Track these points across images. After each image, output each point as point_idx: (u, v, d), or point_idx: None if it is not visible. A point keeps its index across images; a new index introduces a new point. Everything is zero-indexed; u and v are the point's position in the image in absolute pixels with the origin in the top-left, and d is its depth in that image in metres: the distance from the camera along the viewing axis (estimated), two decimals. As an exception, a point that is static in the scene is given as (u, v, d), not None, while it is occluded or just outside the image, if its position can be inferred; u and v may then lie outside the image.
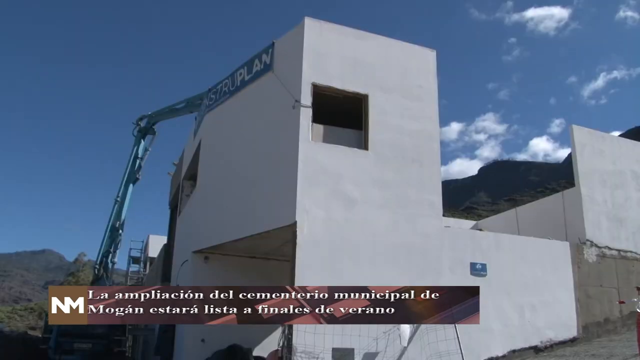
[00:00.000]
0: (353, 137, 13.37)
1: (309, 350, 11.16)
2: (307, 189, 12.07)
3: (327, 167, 12.47)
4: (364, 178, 12.77)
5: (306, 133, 12.50)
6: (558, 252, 15.16)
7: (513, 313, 13.86)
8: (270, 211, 12.89)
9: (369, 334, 11.67)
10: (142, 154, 24.08)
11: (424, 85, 14.30)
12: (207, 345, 15.24)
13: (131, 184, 24.03)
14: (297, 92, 12.72)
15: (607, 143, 17.75)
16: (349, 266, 12.05)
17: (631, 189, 17.66)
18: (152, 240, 41.52)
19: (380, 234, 12.57)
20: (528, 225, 19.17)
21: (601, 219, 16.57)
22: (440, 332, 12.33)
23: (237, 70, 15.43)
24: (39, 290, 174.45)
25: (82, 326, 21.52)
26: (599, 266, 15.85)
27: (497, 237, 14.59)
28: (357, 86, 13.47)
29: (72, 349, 21.12)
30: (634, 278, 16.17)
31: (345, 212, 12.35)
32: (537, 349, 13.93)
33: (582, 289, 15.19)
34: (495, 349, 13.35)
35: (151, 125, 23.97)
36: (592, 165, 16.96)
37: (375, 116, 13.38)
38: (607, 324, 15.48)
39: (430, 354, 12.29)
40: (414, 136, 13.66)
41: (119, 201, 23.63)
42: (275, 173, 13.09)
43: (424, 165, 13.57)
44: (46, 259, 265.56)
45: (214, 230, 15.42)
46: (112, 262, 23.94)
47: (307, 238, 11.73)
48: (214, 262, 16.26)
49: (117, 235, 23.58)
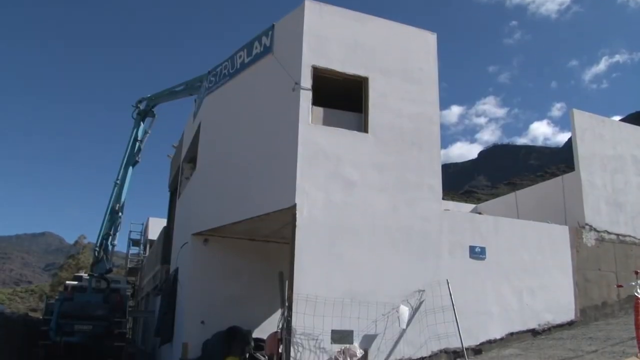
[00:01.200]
0: (353, 120, 13.33)
1: (308, 332, 11.23)
2: (307, 171, 12.06)
3: (327, 149, 12.45)
4: (363, 161, 12.76)
5: (306, 116, 12.46)
6: (557, 236, 15.20)
7: (512, 296, 13.93)
8: (270, 193, 12.90)
9: (368, 316, 11.74)
10: (141, 137, 23.95)
11: (424, 68, 14.24)
12: (206, 327, 15.34)
13: (131, 166, 23.91)
14: (297, 75, 12.67)
15: (607, 127, 17.72)
16: (348, 249, 12.09)
17: (631, 173, 17.67)
18: (152, 222, 41.67)
19: (380, 216, 12.58)
20: (527, 209, 19.22)
21: (600, 204, 16.60)
22: (439, 315, 12.42)
23: (236, 52, 15.35)
24: (39, 273, 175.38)
25: (83, 308, 21.73)
26: (598, 250, 15.90)
27: (497, 221, 14.61)
28: (357, 69, 13.41)
29: (72, 331, 21.23)
30: (632, 262, 16.24)
31: (344, 194, 12.35)
32: (535, 332, 14.01)
33: (581, 273, 15.25)
34: (493, 331, 13.43)
35: (150, 108, 23.81)
36: (592, 150, 16.95)
37: (375, 99, 13.34)
38: (605, 307, 15.57)
39: (428, 337, 12.38)
40: (414, 119, 13.62)
41: (118, 184, 23.53)
42: (275, 155, 13.07)
43: (424, 148, 13.55)
44: (46, 242, 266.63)
45: (213, 212, 15.44)
46: (112, 245, 23.90)
47: (307, 221, 11.75)
48: (214, 245, 16.29)
49: (116, 217, 23.53)
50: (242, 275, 16.26)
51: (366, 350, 11.64)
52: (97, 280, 23.72)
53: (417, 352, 12.24)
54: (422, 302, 12.50)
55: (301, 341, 11.17)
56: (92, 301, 22.58)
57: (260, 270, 16.02)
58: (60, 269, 63.81)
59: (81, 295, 23.05)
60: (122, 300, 23.68)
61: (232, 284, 16.02)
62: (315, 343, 11.29)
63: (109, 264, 23.93)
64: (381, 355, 11.89)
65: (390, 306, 12.01)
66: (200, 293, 15.79)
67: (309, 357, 11.22)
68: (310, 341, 11.26)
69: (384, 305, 11.94)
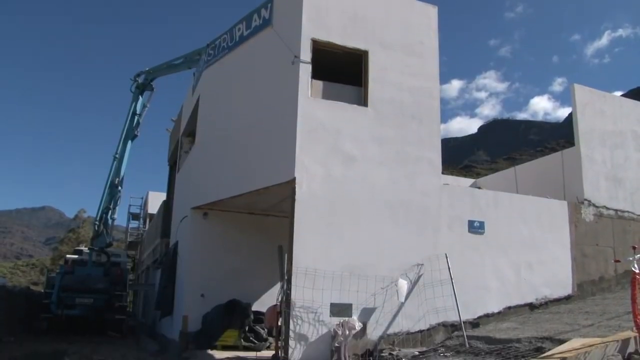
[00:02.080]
0: (353, 94, 13.25)
1: (308, 305, 11.30)
2: (306, 145, 12.02)
3: (326, 123, 12.40)
4: (363, 135, 12.71)
5: (305, 89, 12.37)
6: (556, 211, 15.22)
7: (510, 271, 13.99)
8: (269, 167, 12.88)
9: (367, 290, 11.81)
10: (140, 111, 23.88)
11: (424, 42, 14.11)
12: (206, 300, 15.45)
13: (130, 140, 23.90)
14: (297, 48, 12.55)
15: (608, 103, 17.63)
16: (347, 222, 12.11)
17: (631, 149, 17.63)
18: (152, 196, 41.65)
19: (379, 190, 12.58)
20: (527, 184, 19.21)
21: (600, 179, 16.58)
22: (438, 289, 12.49)
23: (235, 25, 15.20)
24: (40, 247, 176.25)
25: (83, 281, 21.91)
26: (596, 225, 15.94)
27: (496, 196, 14.61)
28: (357, 42, 13.28)
29: (73, 304, 21.44)
30: (630, 238, 16.28)
31: (344, 168, 12.33)
32: (533, 306, 14.12)
33: (579, 248, 15.30)
34: (491, 305, 13.52)
35: (149, 82, 23.70)
36: (592, 125, 16.89)
37: (375, 72, 13.24)
38: (602, 282, 15.66)
39: (427, 310, 12.47)
40: (414, 93, 13.54)
41: (117, 158, 23.55)
42: (274, 129, 13.03)
43: (424, 122, 13.50)
44: (46, 216, 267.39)
45: (212, 186, 15.45)
46: (111, 219, 24.01)
47: (306, 194, 11.75)
48: (213, 218, 16.33)
49: (116, 192, 23.59)
50: (242, 249, 16.33)
51: (365, 323, 11.73)
52: (98, 254, 23.86)
53: (416, 326, 12.33)
54: (421, 275, 12.57)
55: (300, 314, 11.25)
56: (92, 275, 22.75)
57: (260, 244, 16.08)
58: (61, 243, 64.06)
59: (82, 269, 23.21)
60: (122, 273, 23.86)
61: (231, 258, 16.10)
62: (315, 316, 11.37)
63: (109, 238, 24.06)
64: (380, 328, 11.99)
65: (389, 280, 12.08)
66: (200, 266, 15.87)
67: (308, 330, 11.31)
68: (310, 314, 11.34)
69: (383, 279, 12.00)
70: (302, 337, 11.22)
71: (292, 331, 11.14)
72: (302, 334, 11.23)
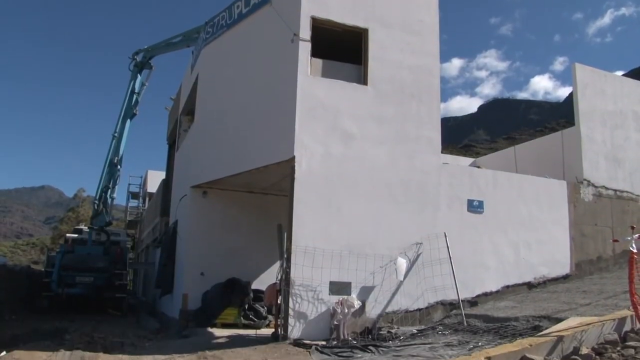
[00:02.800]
0: (352, 72, 13.17)
1: (307, 283, 11.36)
2: (306, 123, 11.98)
3: (326, 102, 12.34)
4: (362, 113, 12.66)
5: (305, 67, 12.29)
6: (555, 190, 15.23)
7: (508, 250, 14.04)
8: (269, 146, 12.85)
9: (366, 268, 11.85)
10: (138, 89, 23.77)
11: (425, 20, 13.98)
12: (206, 278, 15.52)
13: (128, 119, 23.81)
14: (296, 26, 12.44)
15: (609, 82, 17.54)
16: (346, 201, 12.11)
17: (631, 129, 17.58)
18: (151, 175, 41.63)
19: (378, 169, 12.56)
20: (526, 164, 19.20)
21: (599, 159, 16.56)
22: (436, 267, 12.53)
23: (234, 2, 15.04)
24: (39, 226, 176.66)
25: (84, 260, 21.99)
26: (595, 205, 15.96)
27: (495, 175, 14.60)
28: (356, 20, 13.16)
29: (74, 282, 21.53)
30: (628, 218, 16.32)
31: (343, 147, 12.30)
32: (531, 285, 14.18)
33: (577, 228, 15.34)
34: (489, 284, 13.59)
35: (147, 60, 23.56)
36: (593, 105, 16.82)
37: (375, 51, 13.14)
38: (600, 261, 15.72)
39: (425, 289, 12.53)
40: (413, 72, 13.46)
41: (116, 137, 23.49)
42: (274, 108, 12.97)
43: (424, 101, 13.43)
44: (46, 195, 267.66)
45: (212, 165, 15.42)
46: (111, 198, 24.03)
47: (305, 173, 11.73)
48: (213, 197, 16.34)
49: (115, 170, 23.57)
50: (241, 228, 16.37)
51: (364, 301, 11.80)
52: (97, 232, 23.92)
53: (414, 304, 12.40)
54: (420, 254, 12.60)
55: (300, 292, 11.31)
56: (92, 253, 22.83)
57: (259, 223, 16.12)
58: (61, 222, 64.17)
59: (82, 248, 23.29)
60: (122, 252, 23.92)
61: (231, 236, 16.15)
62: (314, 294, 11.43)
63: (109, 217, 24.09)
64: (378, 306, 12.05)
65: (387, 258, 12.12)
66: (200, 245, 15.92)
67: (307, 308, 11.37)
68: (309, 292, 11.40)
69: (382, 258, 12.05)
70: (301, 315, 11.29)
71: (291, 309, 11.20)
72: (302, 312, 11.30)
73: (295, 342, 10.80)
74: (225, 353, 9.80)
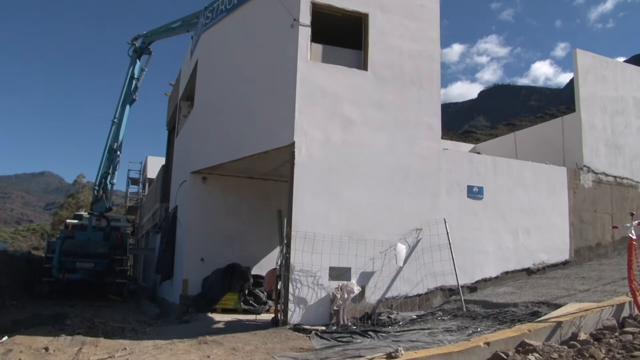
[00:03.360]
0: (352, 57, 13.10)
1: (307, 269, 11.39)
2: (305, 109, 11.94)
3: (326, 87, 12.29)
4: (362, 99, 12.61)
5: (305, 53, 12.23)
6: (555, 177, 15.23)
7: (508, 236, 14.07)
8: (268, 131, 12.82)
9: (366, 254, 11.88)
10: (138, 75, 23.71)
11: (425, 5, 13.89)
12: (206, 264, 15.57)
13: (128, 104, 23.78)
14: (296, 11, 12.35)
15: (610, 69, 17.48)
16: (346, 187, 12.10)
17: (632, 116, 17.55)
18: (151, 161, 41.59)
19: (378, 155, 12.54)
20: (526, 150, 19.18)
21: (599, 145, 16.55)
22: (436, 253, 12.57)
23: (234, -13, 14.94)
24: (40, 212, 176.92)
25: (84, 246, 22.05)
26: (595, 192, 15.97)
27: (495, 161, 14.58)
28: (357, 5, 13.07)
29: (74, 268, 21.61)
30: (628, 204, 16.34)
31: (343, 133, 12.27)
32: (530, 271, 14.22)
33: (577, 214, 15.36)
34: (488, 270, 13.63)
35: (147, 45, 23.48)
36: (594, 91, 16.78)
37: (375, 36, 13.07)
38: (599, 248, 15.76)
39: (425, 274, 12.56)
40: (414, 57, 13.40)
41: (116, 122, 23.47)
42: (273, 93, 12.92)
43: (424, 87, 13.38)
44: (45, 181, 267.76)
45: (211, 150, 15.40)
46: (111, 184, 24.06)
47: (305, 159, 11.72)
48: (212, 183, 16.34)
49: (115, 156, 23.58)
50: (241, 213, 16.40)
51: (363, 287, 11.83)
52: (97, 218, 23.97)
53: (414, 290, 12.44)
54: (419, 240, 12.63)
55: (299, 278, 11.34)
56: (92, 239, 22.89)
57: (259, 208, 16.14)
58: (61, 208, 64.21)
59: (82, 234, 23.35)
60: (122, 238, 23.98)
61: (231, 222, 16.18)
62: (313, 280, 11.47)
63: (109, 203, 24.13)
64: (378, 292, 12.10)
65: (387, 244, 12.14)
66: (200, 230, 15.94)
67: (307, 294, 11.41)
68: (309, 278, 11.43)
69: (382, 243, 12.07)
70: (301, 301, 11.33)
71: (291, 294, 11.24)
72: (301, 297, 11.34)
73: (295, 327, 10.85)
74: (226, 338, 9.84)
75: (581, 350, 6.61)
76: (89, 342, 10.05)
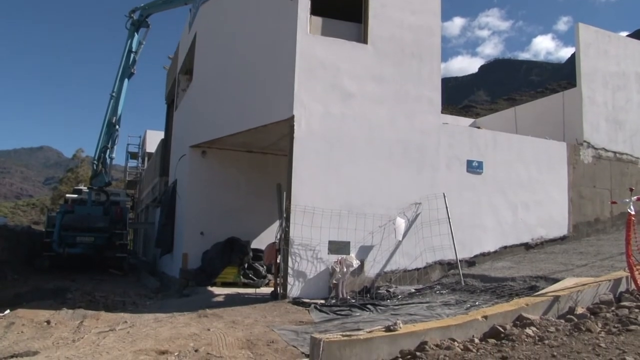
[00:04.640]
0: (352, 30, 12.97)
1: (306, 242, 11.43)
2: (305, 82, 11.86)
3: (325, 60, 12.19)
4: (362, 72, 12.52)
5: (304, 25, 12.09)
6: (554, 152, 15.20)
7: (507, 211, 14.09)
8: (268, 105, 12.75)
9: (365, 228, 11.91)
10: (136, 48, 23.48)
11: (427, -23, 13.71)
12: (205, 238, 15.62)
13: (126, 78, 23.58)
14: (296, -18, 12.20)
15: (612, 43, 17.31)
16: (345, 160, 12.08)
17: (633, 91, 17.44)
18: (150, 135, 41.47)
19: (378, 129, 12.50)
20: (526, 125, 19.09)
21: (600, 121, 16.48)
22: (435, 228, 12.60)
23: (232, -42, 14.74)
24: (39, 187, 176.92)
25: (84, 220, 22.07)
26: (594, 167, 15.95)
27: (495, 136, 14.54)
28: (357, -23, 12.91)
29: (74, 242, 21.67)
30: (627, 180, 16.32)
31: (343, 106, 12.20)
32: (528, 246, 14.28)
33: (576, 189, 15.36)
34: (487, 244, 13.68)
35: (145, 18, 23.20)
36: (595, 66, 16.64)
37: (376, 9, 12.92)
38: (598, 223, 15.79)
39: (424, 248, 12.61)
40: (414, 30, 13.26)
41: (114, 96, 23.31)
42: (273, 66, 12.82)
43: (424, 60, 13.27)
44: (44, 156, 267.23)
45: (211, 124, 15.34)
46: (110, 158, 23.99)
47: (305, 132, 11.68)
48: (211, 157, 16.31)
49: (114, 130, 23.47)
50: (240, 187, 16.40)
51: (362, 260, 11.89)
52: (97, 193, 23.96)
53: (413, 264, 12.51)
54: (419, 214, 12.65)
55: (299, 251, 11.39)
56: (92, 213, 22.92)
57: (258, 182, 16.14)
58: (60, 183, 64.17)
59: (81, 208, 23.37)
60: (122, 212, 24.02)
61: (230, 196, 16.18)
62: (313, 253, 11.52)
63: (108, 177, 24.10)
64: (377, 265, 12.16)
65: (386, 218, 12.17)
66: (199, 204, 15.96)
67: (307, 267, 11.47)
68: (308, 252, 11.48)
69: (381, 217, 12.10)
70: (300, 274, 11.39)
71: (290, 268, 11.31)
72: (301, 271, 11.40)
73: (294, 301, 10.94)
74: (225, 311, 9.91)
75: (578, 324, 6.63)
76: (90, 315, 10.12)
